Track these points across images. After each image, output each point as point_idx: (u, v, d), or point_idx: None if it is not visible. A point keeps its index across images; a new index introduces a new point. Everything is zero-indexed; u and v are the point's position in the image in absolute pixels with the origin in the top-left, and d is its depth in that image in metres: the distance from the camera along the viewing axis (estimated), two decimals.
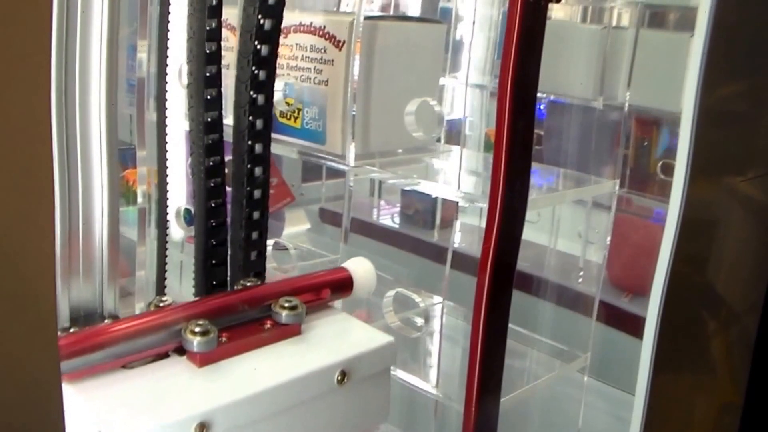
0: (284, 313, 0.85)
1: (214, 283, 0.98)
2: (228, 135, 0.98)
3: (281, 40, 1.15)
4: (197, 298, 0.95)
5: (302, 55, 1.19)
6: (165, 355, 0.82)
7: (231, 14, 1.20)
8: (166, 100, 1.09)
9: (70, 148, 0.84)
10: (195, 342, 0.79)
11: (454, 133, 1.43)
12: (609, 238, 1.28)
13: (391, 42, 1.15)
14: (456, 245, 1.52)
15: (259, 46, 0.94)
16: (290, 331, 0.86)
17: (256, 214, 0.96)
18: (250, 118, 0.95)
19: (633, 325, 1.34)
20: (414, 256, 1.72)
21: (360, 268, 0.92)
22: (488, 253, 0.87)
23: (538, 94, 0.92)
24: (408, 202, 1.85)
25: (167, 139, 1.09)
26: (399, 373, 1.16)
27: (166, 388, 0.78)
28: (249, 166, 0.95)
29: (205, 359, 0.80)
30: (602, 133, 1.32)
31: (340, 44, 1.13)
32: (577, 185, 1.24)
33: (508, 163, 0.86)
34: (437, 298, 1.39)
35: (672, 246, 0.89)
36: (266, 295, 0.87)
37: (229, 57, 1.08)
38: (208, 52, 0.93)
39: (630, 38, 1.25)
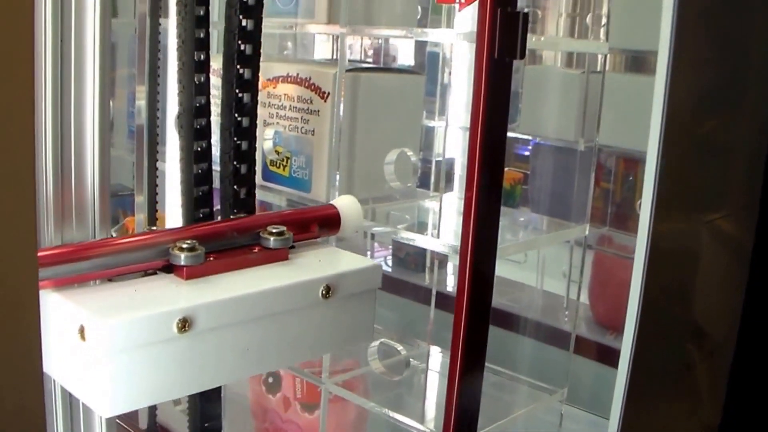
0: (272, 238, 0.83)
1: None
2: None
3: (271, 89, 1.18)
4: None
5: (290, 105, 1.21)
6: (152, 274, 0.80)
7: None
8: (157, 143, 1.10)
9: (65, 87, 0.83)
10: (182, 256, 0.78)
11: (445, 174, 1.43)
12: (582, 276, 1.28)
13: (373, 92, 1.17)
14: (449, 288, 1.50)
15: (240, 94, 0.95)
16: (278, 255, 0.84)
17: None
18: (235, 163, 0.96)
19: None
20: (407, 300, 1.69)
21: (348, 205, 0.91)
22: (463, 292, 0.89)
23: (524, 136, 0.93)
24: (399, 245, 1.84)
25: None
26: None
27: (149, 292, 0.77)
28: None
29: (191, 272, 0.79)
30: (583, 173, 1.32)
31: (325, 95, 1.15)
32: (550, 228, 1.25)
33: (478, 208, 0.88)
34: (424, 346, 1.37)
35: (642, 277, 0.89)
36: (254, 223, 0.85)
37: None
38: (197, 105, 0.95)
39: (608, 82, 1.27)
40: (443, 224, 1.18)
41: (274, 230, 0.83)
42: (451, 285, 1.61)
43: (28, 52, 0.46)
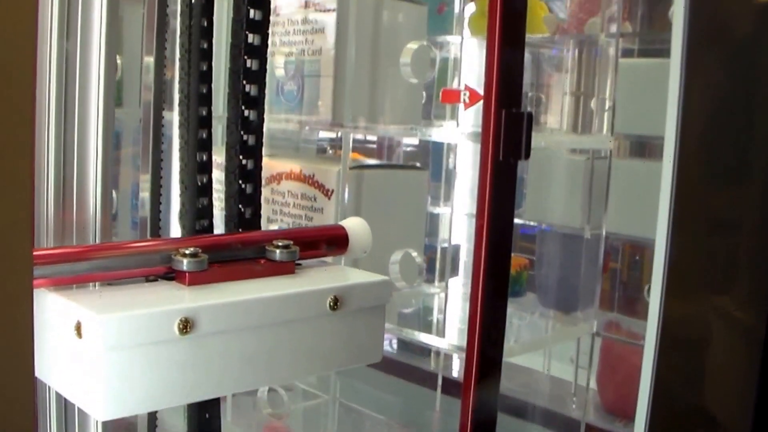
0: (278, 251, 0.79)
1: None
2: None
3: (275, 186, 1.17)
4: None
5: (294, 202, 1.19)
6: (153, 281, 0.77)
7: None
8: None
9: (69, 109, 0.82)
10: (185, 262, 0.74)
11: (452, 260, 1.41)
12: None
13: (376, 189, 1.16)
14: (455, 374, 1.45)
15: (246, 137, 0.92)
16: (284, 268, 0.80)
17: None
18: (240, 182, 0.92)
19: None
20: (411, 385, 1.63)
21: (356, 226, 0.87)
22: (471, 377, 0.87)
23: (530, 223, 0.92)
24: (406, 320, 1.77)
25: None
26: None
27: (150, 294, 0.73)
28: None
29: (194, 279, 0.75)
30: (590, 260, 1.30)
31: (329, 193, 1.14)
32: (557, 322, 1.23)
33: (484, 312, 0.86)
34: None
35: (653, 363, 0.88)
36: (260, 237, 0.82)
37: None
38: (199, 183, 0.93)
39: (614, 167, 1.26)
40: (449, 311, 1.15)
41: (280, 243, 0.79)
42: (457, 370, 1.55)
43: (29, 61, 0.45)
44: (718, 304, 0.99)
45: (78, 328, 0.67)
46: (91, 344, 0.66)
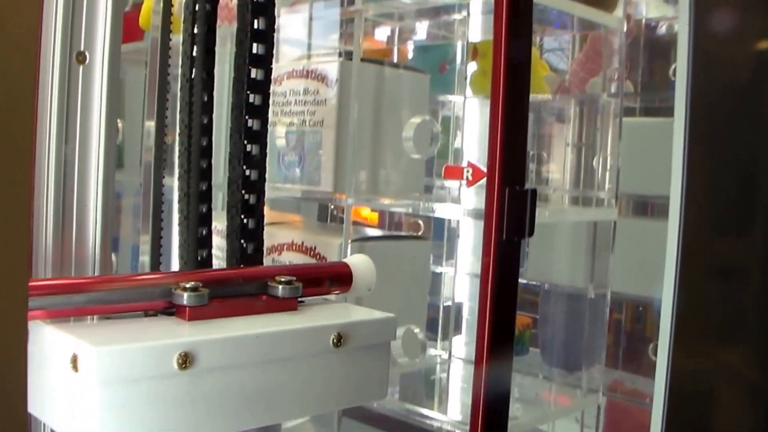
0: (280, 287, 0.77)
1: None
2: None
3: (276, 256, 1.16)
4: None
5: None
6: (152, 315, 0.74)
7: None
8: None
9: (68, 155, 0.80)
10: (185, 296, 0.72)
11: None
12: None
13: (378, 261, 1.15)
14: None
15: (248, 172, 0.91)
16: (286, 304, 0.77)
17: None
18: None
19: None
20: None
21: (360, 263, 0.85)
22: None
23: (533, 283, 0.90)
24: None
25: None
26: None
27: (149, 328, 0.71)
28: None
29: (194, 314, 0.72)
30: (594, 321, 1.28)
31: None
32: (560, 391, 1.21)
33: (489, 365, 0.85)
34: None
35: (662, 421, 0.87)
36: (262, 273, 0.79)
37: None
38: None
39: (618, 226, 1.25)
40: (452, 377, 1.13)
41: (282, 279, 0.77)
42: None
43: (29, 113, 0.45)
44: (726, 360, 0.97)
45: (74, 362, 0.64)
46: (87, 378, 0.63)
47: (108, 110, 0.80)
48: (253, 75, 0.86)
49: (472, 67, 1.45)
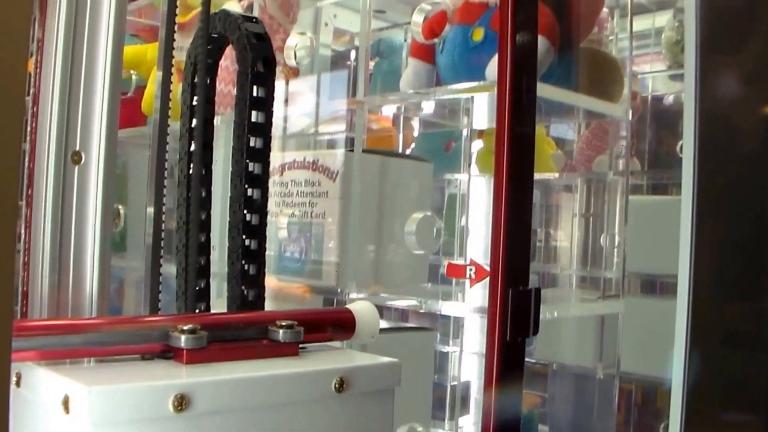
0: (281, 331, 0.74)
1: None
2: None
3: None
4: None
5: None
6: (150, 359, 0.71)
7: None
8: None
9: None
10: (183, 338, 0.69)
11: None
12: None
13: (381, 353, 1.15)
14: None
15: (249, 217, 0.88)
16: (287, 350, 0.74)
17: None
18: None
19: None
20: None
21: (364, 310, 0.82)
22: None
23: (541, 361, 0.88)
24: None
25: None
26: None
27: (145, 369, 0.68)
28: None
29: (192, 357, 0.69)
30: (603, 401, 1.24)
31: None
32: None
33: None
34: None
35: None
36: (263, 317, 0.76)
37: None
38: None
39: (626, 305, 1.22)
40: None
41: (283, 323, 0.74)
42: None
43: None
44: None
45: (65, 403, 0.61)
46: (79, 420, 0.60)
47: (103, 210, 0.80)
48: (252, 143, 0.84)
49: (478, 144, 1.45)
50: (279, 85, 1.05)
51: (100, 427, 0.60)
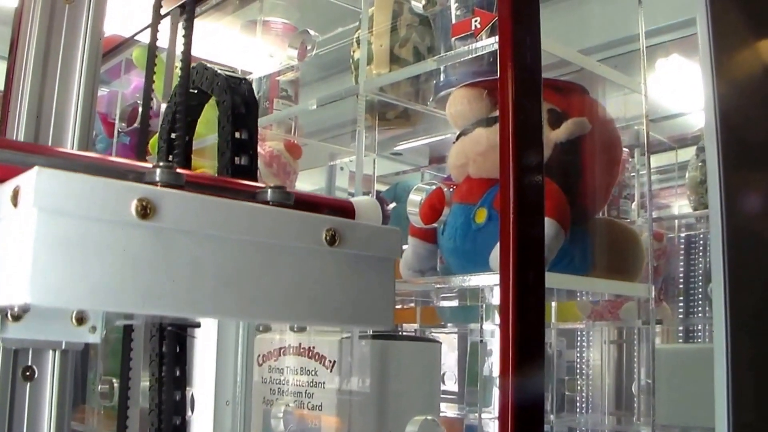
0: (269, 191, 0.63)
1: None
2: None
3: None
4: None
5: None
6: None
7: None
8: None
9: None
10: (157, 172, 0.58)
11: None
12: None
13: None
14: None
15: None
16: None
17: None
18: None
19: None
20: None
21: (366, 204, 0.69)
22: None
23: None
24: None
25: None
26: None
27: None
28: None
29: None
30: None
31: None
32: None
33: None
34: None
35: None
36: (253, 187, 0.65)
37: None
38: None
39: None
40: None
41: (272, 185, 0.63)
42: None
43: None
44: None
45: (15, 196, 0.51)
46: (26, 207, 0.50)
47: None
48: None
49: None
50: None
51: (47, 213, 0.49)
